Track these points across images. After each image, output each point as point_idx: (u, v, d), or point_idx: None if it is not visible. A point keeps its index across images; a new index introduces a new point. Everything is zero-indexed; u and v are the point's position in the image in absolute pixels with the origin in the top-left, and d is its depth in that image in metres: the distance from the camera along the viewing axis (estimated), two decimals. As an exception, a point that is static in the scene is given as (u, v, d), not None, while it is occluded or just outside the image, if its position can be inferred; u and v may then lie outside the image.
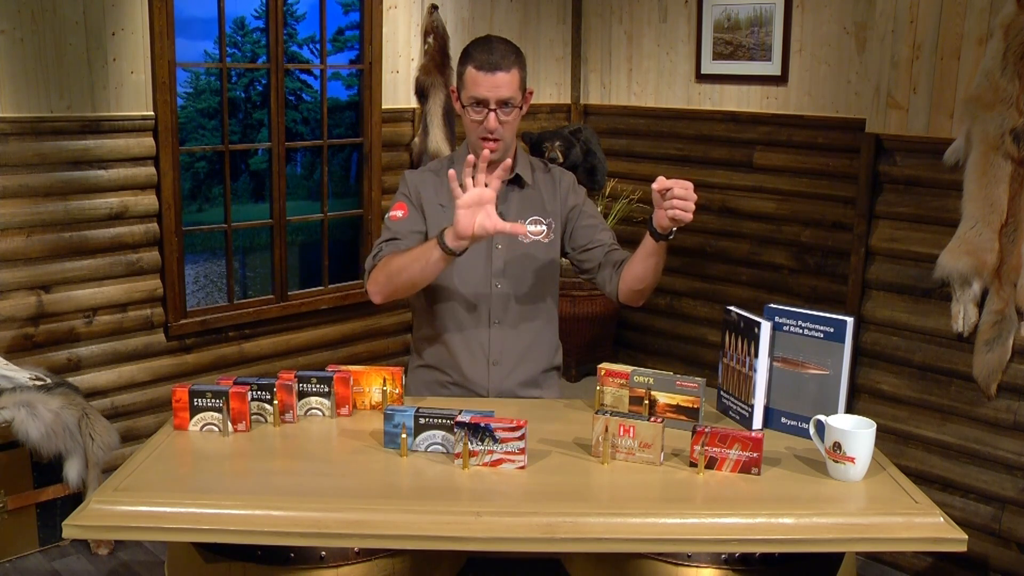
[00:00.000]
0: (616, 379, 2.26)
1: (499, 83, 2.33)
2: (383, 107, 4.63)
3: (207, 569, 1.93)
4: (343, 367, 2.29)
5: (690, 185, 2.18)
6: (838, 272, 4.29)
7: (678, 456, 2.02)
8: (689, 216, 2.18)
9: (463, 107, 2.40)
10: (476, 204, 2.16)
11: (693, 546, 1.83)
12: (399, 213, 2.47)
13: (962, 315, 3.16)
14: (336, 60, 6.79)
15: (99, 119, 3.73)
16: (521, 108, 2.41)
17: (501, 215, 2.46)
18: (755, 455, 1.94)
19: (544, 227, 2.50)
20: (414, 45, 4.70)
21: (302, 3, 6.82)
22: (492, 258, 2.45)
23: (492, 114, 2.35)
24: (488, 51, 2.36)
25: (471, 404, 2.36)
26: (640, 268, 2.38)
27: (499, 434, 1.93)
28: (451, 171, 2.20)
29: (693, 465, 1.96)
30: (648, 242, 2.32)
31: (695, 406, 2.15)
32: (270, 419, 2.17)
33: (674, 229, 2.26)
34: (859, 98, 4.20)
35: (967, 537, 1.78)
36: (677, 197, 2.17)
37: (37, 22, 3.54)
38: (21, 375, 3.45)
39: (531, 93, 2.47)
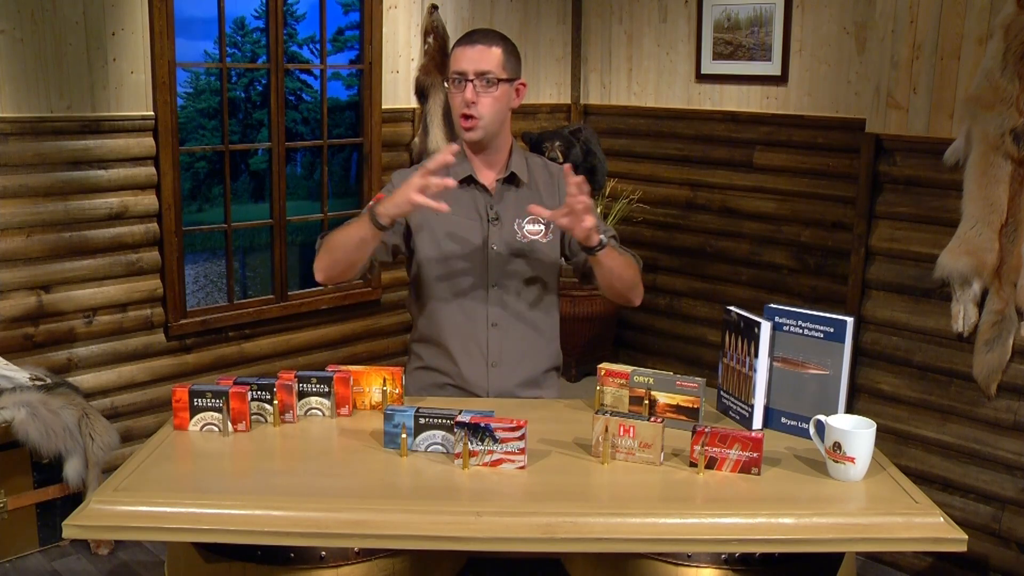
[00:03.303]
0: (616, 379, 2.25)
1: (477, 56, 2.37)
2: (383, 107, 4.63)
3: (207, 569, 1.93)
4: (343, 367, 2.28)
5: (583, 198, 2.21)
6: (838, 272, 4.29)
7: (678, 456, 2.01)
8: (588, 220, 2.21)
9: (448, 88, 2.43)
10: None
11: (693, 546, 1.83)
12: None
13: (962, 315, 3.16)
14: (336, 60, 6.79)
15: (99, 119, 3.73)
16: (503, 84, 2.39)
17: (497, 214, 2.46)
18: (755, 455, 1.94)
19: (542, 226, 2.49)
20: (414, 45, 4.70)
21: (302, 3, 6.83)
22: (489, 258, 2.45)
23: (469, 85, 2.36)
24: (472, 32, 2.45)
25: (471, 404, 2.36)
26: (600, 278, 2.43)
27: (499, 434, 1.93)
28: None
29: (693, 465, 1.96)
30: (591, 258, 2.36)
31: (695, 406, 2.15)
32: (270, 419, 2.17)
33: (602, 239, 2.29)
34: (859, 98, 4.20)
35: (967, 537, 1.78)
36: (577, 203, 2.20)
37: (37, 22, 3.54)
38: (21, 375, 3.45)
39: (524, 85, 2.47)
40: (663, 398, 2.17)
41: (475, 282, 2.45)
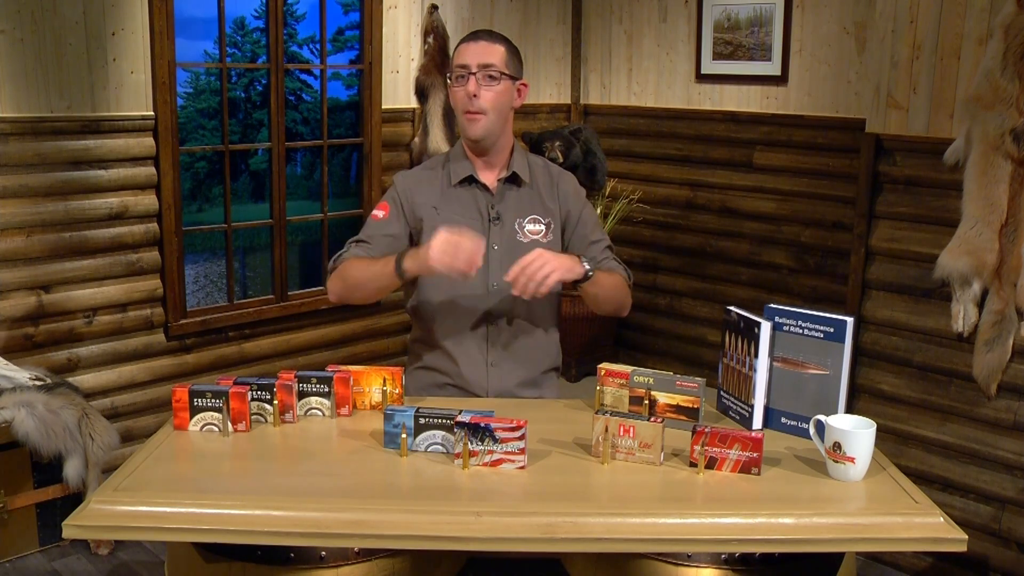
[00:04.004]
0: (616, 379, 2.25)
1: (480, 50, 2.38)
2: (383, 107, 4.63)
3: (207, 569, 1.93)
4: (343, 367, 2.28)
5: (528, 259, 2.20)
6: (838, 272, 4.29)
7: (678, 456, 2.02)
8: (552, 278, 2.20)
9: (451, 85, 2.43)
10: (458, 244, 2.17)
11: (693, 546, 1.83)
12: (380, 213, 2.48)
13: (962, 315, 3.16)
14: (336, 60, 6.79)
15: (99, 119, 3.73)
16: (506, 79, 2.39)
17: (498, 214, 2.46)
18: (755, 455, 1.94)
19: (543, 227, 2.49)
20: (414, 45, 4.70)
21: (302, 3, 6.82)
22: (489, 259, 2.44)
23: (472, 78, 2.37)
24: (476, 31, 2.46)
25: (471, 404, 2.36)
26: (585, 299, 2.47)
27: (499, 434, 1.93)
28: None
29: (693, 465, 1.96)
30: None
31: (695, 406, 2.15)
32: (270, 419, 2.17)
33: (587, 271, 2.33)
34: (859, 98, 4.20)
35: (967, 537, 1.78)
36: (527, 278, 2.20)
37: (37, 22, 3.54)
38: (21, 375, 3.45)
39: (526, 86, 2.47)
40: (663, 398, 2.17)
41: (475, 282, 2.45)
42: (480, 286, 2.45)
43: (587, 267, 2.33)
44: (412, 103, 4.72)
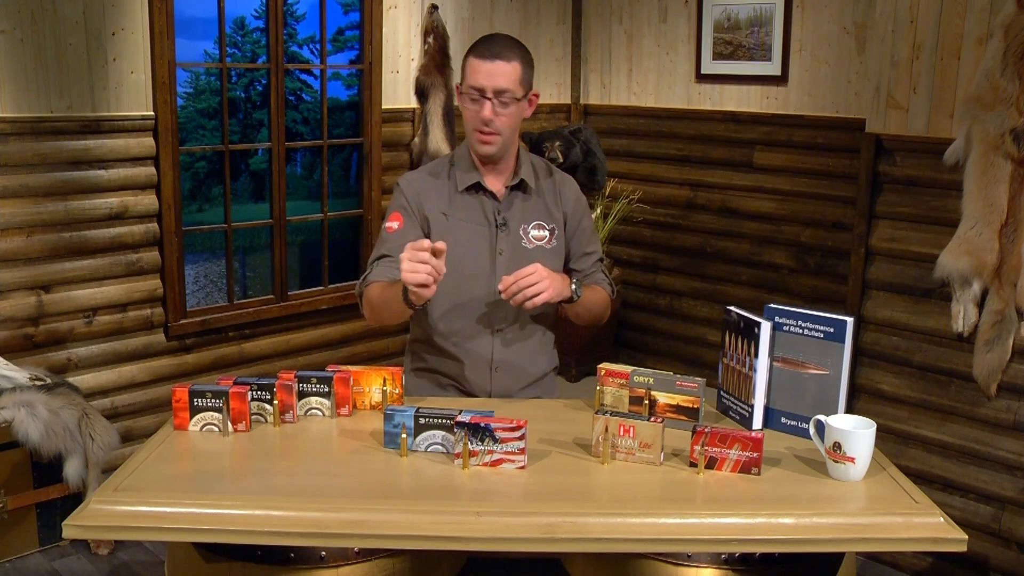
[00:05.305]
0: (616, 379, 2.26)
1: (496, 72, 2.31)
2: (383, 107, 4.63)
3: (207, 569, 1.93)
4: (343, 367, 2.28)
5: (526, 272, 2.24)
6: (838, 272, 4.29)
7: (678, 456, 2.02)
8: (541, 297, 2.24)
9: (461, 99, 2.39)
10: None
11: (693, 546, 1.83)
12: (394, 224, 2.42)
13: (962, 315, 3.16)
14: (336, 60, 6.79)
15: (99, 119, 3.73)
16: (520, 101, 2.36)
17: (504, 220, 2.46)
18: (755, 455, 1.94)
19: (547, 232, 2.49)
20: (414, 45, 4.70)
21: (302, 3, 6.82)
22: (496, 265, 2.44)
23: (488, 103, 2.32)
24: (491, 42, 2.37)
25: (471, 404, 2.36)
26: (566, 311, 2.49)
27: (499, 434, 1.93)
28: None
29: (693, 465, 1.96)
30: None
31: (695, 406, 2.15)
32: (270, 419, 2.17)
33: (574, 294, 2.36)
34: (859, 98, 4.20)
35: (967, 537, 1.79)
36: (521, 290, 2.23)
37: (37, 22, 3.54)
38: (21, 375, 3.45)
39: (536, 96, 2.44)
40: (663, 398, 2.17)
41: (482, 287, 2.44)
42: (487, 291, 2.44)
43: (574, 289, 2.37)
44: (412, 103, 4.72)
